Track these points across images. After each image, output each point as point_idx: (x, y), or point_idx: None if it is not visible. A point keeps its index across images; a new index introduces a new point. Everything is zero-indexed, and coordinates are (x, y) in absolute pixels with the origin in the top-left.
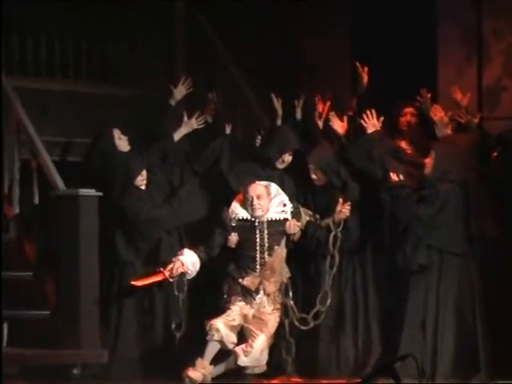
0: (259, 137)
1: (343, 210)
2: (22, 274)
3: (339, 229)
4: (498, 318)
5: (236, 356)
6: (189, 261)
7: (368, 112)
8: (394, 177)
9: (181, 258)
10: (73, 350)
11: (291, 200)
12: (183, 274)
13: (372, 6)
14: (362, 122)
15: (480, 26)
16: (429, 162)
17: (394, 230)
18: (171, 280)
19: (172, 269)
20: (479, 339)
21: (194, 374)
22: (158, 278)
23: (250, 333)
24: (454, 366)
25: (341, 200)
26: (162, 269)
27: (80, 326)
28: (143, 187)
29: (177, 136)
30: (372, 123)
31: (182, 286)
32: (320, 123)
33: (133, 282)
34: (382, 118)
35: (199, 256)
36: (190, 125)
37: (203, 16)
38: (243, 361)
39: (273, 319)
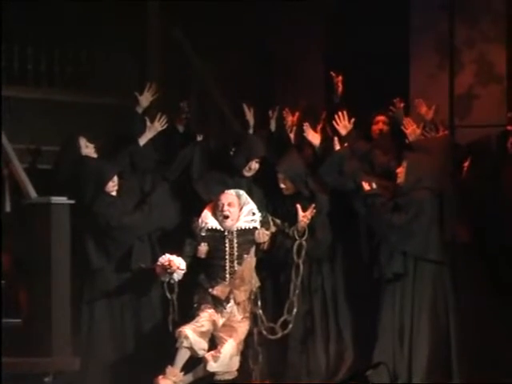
0: (233, 149)
1: (303, 218)
2: None
3: (304, 238)
4: (471, 324)
5: (205, 362)
6: (182, 261)
7: (340, 113)
8: (366, 186)
9: (171, 258)
10: (45, 358)
11: (260, 209)
12: (174, 274)
13: (345, 14)
14: (334, 123)
15: (452, 35)
16: (401, 171)
17: (369, 238)
18: (169, 271)
19: (169, 264)
20: (452, 345)
21: (164, 381)
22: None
23: (220, 339)
24: (429, 372)
25: (299, 208)
26: (158, 262)
27: (52, 333)
28: (114, 193)
29: (142, 141)
30: (343, 124)
31: (173, 288)
32: (292, 135)
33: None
34: (353, 119)
35: None
36: (153, 128)
37: (178, 27)
38: (212, 366)
39: (243, 326)
